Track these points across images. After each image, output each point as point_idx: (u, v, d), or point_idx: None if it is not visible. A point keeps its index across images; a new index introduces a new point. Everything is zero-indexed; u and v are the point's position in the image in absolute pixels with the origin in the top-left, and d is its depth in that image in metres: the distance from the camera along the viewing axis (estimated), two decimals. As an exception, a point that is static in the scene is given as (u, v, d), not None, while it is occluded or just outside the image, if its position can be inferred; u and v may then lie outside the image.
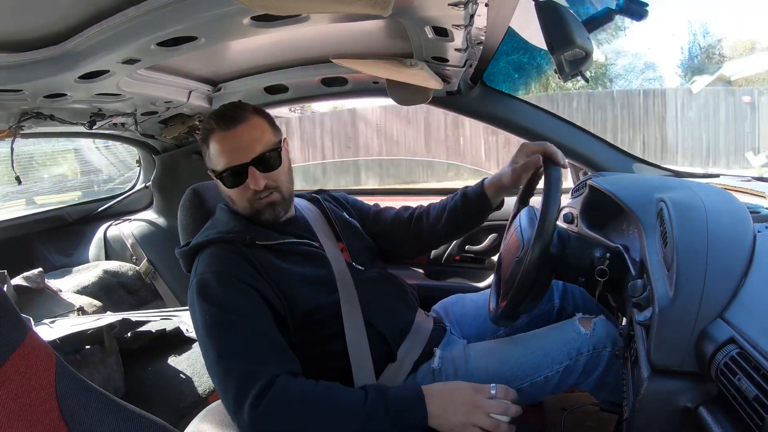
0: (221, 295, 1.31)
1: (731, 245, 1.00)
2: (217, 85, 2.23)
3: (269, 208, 1.48)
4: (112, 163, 4.15)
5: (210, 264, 1.37)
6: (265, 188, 1.44)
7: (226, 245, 1.41)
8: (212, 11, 1.16)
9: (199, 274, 1.35)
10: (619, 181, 1.49)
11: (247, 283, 1.33)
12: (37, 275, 2.58)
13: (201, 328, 1.29)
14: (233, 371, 1.21)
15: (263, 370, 1.21)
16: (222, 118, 1.43)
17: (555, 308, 1.68)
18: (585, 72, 1.37)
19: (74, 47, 1.32)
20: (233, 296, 1.31)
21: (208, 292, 1.31)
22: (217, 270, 1.35)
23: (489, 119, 2.28)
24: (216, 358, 1.24)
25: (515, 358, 1.39)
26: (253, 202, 1.46)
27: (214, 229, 1.47)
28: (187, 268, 1.48)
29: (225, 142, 1.43)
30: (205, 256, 1.41)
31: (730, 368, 0.76)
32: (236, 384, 1.19)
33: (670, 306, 0.92)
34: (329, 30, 1.64)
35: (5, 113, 1.91)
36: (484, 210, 1.67)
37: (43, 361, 0.89)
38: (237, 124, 1.42)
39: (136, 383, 2.07)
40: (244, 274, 1.35)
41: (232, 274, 1.34)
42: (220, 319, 1.28)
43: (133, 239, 3.18)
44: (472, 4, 1.24)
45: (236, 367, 1.22)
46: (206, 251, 1.42)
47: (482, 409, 1.19)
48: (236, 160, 1.41)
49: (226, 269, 1.35)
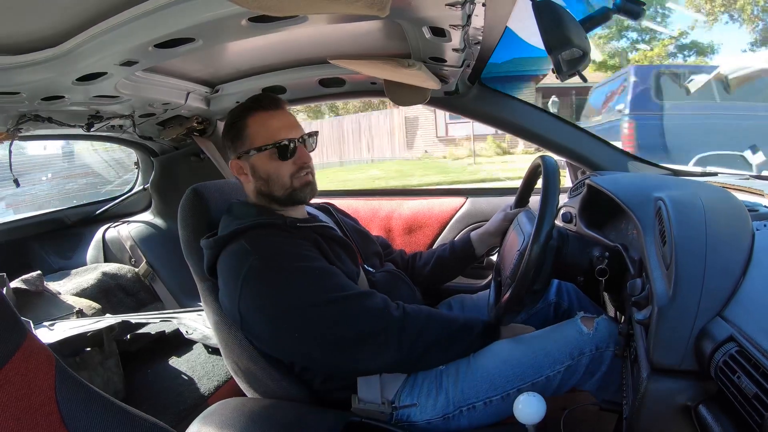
0: (303, 252, 1.37)
1: (730, 243, 1.00)
2: (215, 86, 2.23)
3: (307, 187, 1.53)
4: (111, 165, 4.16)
5: (265, 241, 1.40)
6: (306, 166, 1.52)
7: (269, 230, 1.42)
8: (210, 13, 1.16)
9: (259, 253, 1.36)
10: (617, 181, 1.49)
11: (310, 249, 1.42)
12: (36, 278, 2.58)
13: (295, 297, 1.32)
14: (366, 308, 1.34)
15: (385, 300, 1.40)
16: (264, 101, 1.53)
17: (551, 304, 1.70)
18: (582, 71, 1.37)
19: (72, 49, 1.32)
20: (313, 254, 1.39)
21: (284, 254, 1.36)
22: (275, 242, 1.39)
23: (487, 119, 2.29)
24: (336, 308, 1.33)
25: (516, 358, 1.39)
26: (294, 179, 1.51)
27: (242, 218, 1.46)
28: (212, 262, 1.47)
29: (272, 120, 1.51)
30: (251, 240, 1.39)
31: (729, 366, 0.76)
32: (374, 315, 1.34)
33: (669, 304, 0.92)
34: (327, 31, 1.64)
35: (3, 116, 1.90)
36: (468, 258, 1.86)
37: (42, 364, 0.89)
38: (279, 107, 1.53)
39: (136, 385, 2.07)
40: (301, 244, 1.41)
41: (294, 242, 1.40)
42: (318, 272, 1.35)
43: (132, 241, 3.18)
44: (470, 4, 1.24)
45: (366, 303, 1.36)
46: (248, 236, 1.41)
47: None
48: (286, 135, 1.49)
49: (286, 240, 1.40)
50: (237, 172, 1.55)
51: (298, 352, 1.39)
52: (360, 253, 1.64)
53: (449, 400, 1.38)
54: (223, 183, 1.73)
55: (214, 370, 2.14)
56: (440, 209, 2.58)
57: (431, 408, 1.39)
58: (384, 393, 1.40)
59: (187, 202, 1.61)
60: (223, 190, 1.69)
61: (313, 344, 1.33)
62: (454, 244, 1.88)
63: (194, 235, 1.56)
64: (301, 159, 1.51)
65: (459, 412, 1.38)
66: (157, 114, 2.35)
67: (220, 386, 2.05)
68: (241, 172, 1.54)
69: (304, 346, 1.34)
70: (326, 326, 1.31)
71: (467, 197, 2.58)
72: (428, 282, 1.88)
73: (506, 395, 1.36)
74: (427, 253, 1.92)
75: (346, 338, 1.32)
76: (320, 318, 1.31)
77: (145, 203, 3.48)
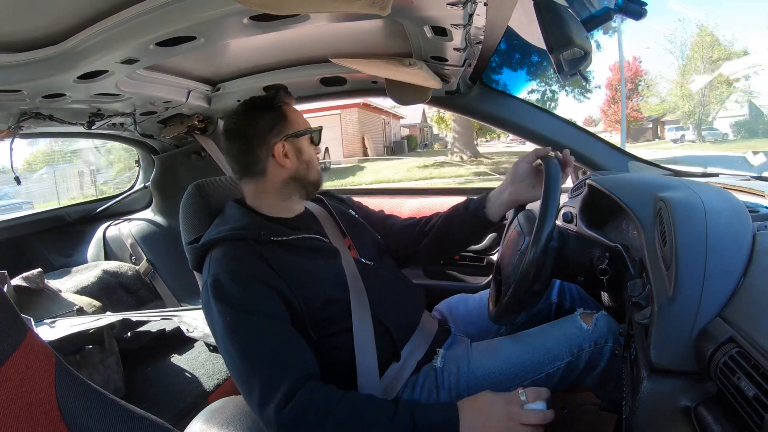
0: (239, 296, 1.29)
1: (730, 244, 1.00)
2: (216, 84, 2.23)
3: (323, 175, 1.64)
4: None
5: (224, 263, 1.36)
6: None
7: (240, 243, 1.40)
8: (211, 11, 1.16)
9: (214, 274, 1.33)
10: (618, 181, 1.49)
11: (264, 282, 1.32)
12: (36, 275, 2.58)
13: (221, 330, 1.27)
14: (257, 373, 1.20)
15: (288, 373, 1.20)
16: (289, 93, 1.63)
17: (553, 305, 1.69)
18: (584, 71, 1.37)
19: (73, 47, 1.32)
20: (251, 296, 1.30)
21: (224, 293, 1.30)
22: (232, 269, 1.33)
23: (488, 119, 2.29)
24: (239, 359, 1.23)
25: (516, 356, 1.40)
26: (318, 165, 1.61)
27: (225, 225, 1.46)
28: (196, 264, 1.48)
29: (298, 110, 1.60)
30: (218, 254, 1.39)
31: (729, 367, 0.76)
32: (261, 386, 1.19)
33: (670, 305, 0.92)
34: (328, 29, 1.64)
35: (4, 113, 1.91)
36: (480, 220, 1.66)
37: (42, 362, 0.89)
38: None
39: (136, 383, 2.07)
40: (260, 272, 1.34)
41: (248, 273, 1.33)
42: (240, 320, 1.26)
43: (133, 239, 3.19)
44: (471, 3, 1.24)
45: (260, 369, 1.21)
46: (219, 248, 1.41)
47: (519, 420, 1.15)
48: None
49: (241, 268, 1.34)
50: (279, 155, 1.52)
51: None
52: (356, 246, 1.63)
53: (450, 399, 1.38)
54: (225, 180, 1.74)
55: (214, 368, 2.14)
56: (441, 208, 2.57)
57: None
58: (385, 393, 1.39)
59: (188, 198, 1.61)
60: (225, 186, 1.69)
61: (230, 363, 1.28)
62: (468, 201, 1.72)
63: (196, 231, 1.56)
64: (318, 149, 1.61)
65: None
66: (159, 112, 2.36)
67: (220, 384, 2.05)
68: (283, 155, 1.52)
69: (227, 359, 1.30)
70: (235, 355, 1.25)
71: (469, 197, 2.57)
72: (432, 247, 1.76)
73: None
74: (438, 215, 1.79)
75: (250, 393, 1.22)
76: (228, 349, 1.26)
77: (146, 201, 3.49)
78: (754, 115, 28.23)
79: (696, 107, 29.03)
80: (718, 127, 29.13)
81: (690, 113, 29.36)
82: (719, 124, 29.31)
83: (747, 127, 28.44)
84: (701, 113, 28.97)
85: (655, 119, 31.67)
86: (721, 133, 28.74)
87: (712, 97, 28.72)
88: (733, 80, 27.19)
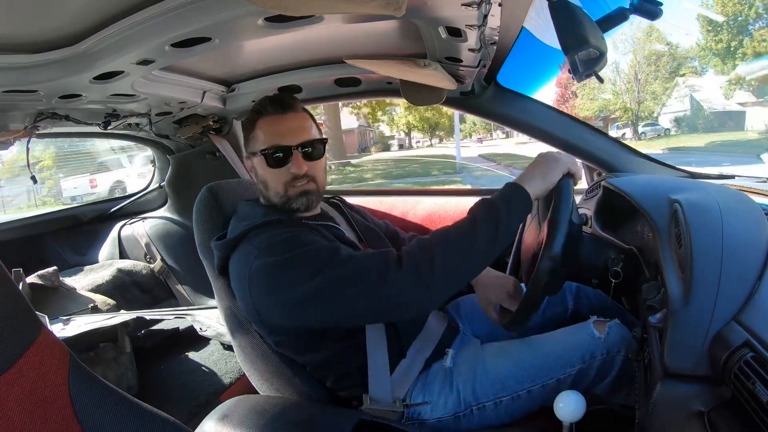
0: (303, 238, 1.32)
1: (746, 247, 0.99)
2: (231, 85, 2.24)
3: (302, 197, 1.48)
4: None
5: (267, 238, 1.34)
6: (304, 175, 1.46)
7: (271, 224, 1.40)
8: (226, 12, 1.17)
9: (262, 249, 1.31)
10: (633, 182, 1.48)
11: (312, 231, 1.38)
12: (51, 273, 2.61)
13: (307, 274, 1.24)
14: (364, 263, 1.24)
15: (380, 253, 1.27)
16: (277, 103, 1.48)
17: (569, 309, 1.68)
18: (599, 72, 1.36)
19: (89, 48, 1.33)
20: (311, 237, 1.34)
21: (287, 246, 1.29)
22: (279, 235, 1.34)
23: (503, 120, 2.28)
24: (336, 277, 1.23)
25: (528, 360, 1.40)
26: (288, 187, 1.46)
27: (248, 219, 1.44)
28: (223, 262, 1.46)
29: (275, 124, 1.47)
30: (254, 238, 1.37)
31: (744, 372, 0.75)
32: (375, 266, 1.22)
33: (684, 308, 0.91)
34: (343, 30, 1.64)
35: (21, 114, 1.93)
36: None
37: (56, 359, 0.90)
38: (288, 111, 1.48)
39: (150, 381, 2.09)
40: (304, 229, 1.38)
41: (295, 231, 1.35)
42: (317, 250, 1.28)
43: (147, 238, 3.22)
44: (486, 4, 1.24)
45: (361, 262, 1.24)
46: (253, 234, 1.39)
47: (564, 159, 1.32)
48: (284, 141, 1.45)
49: (286, 230, 1.35)
50: (248, 170, 1.55)
51: (327, 322, 1.35)
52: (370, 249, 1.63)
53: (460, 399, 1.39)
54: (237, 182, 1.74)
55: (226, 367, 2.15)
56: (456, 208, 2.57)
57: (443, 406, 1.40)
58: (395, 391, 1.40)
59: (201, 201, 1.62)
60: (237, 189, 1.70)
61: (336, 306, 1.25)
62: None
63: (209, 234, 1.56)
64: (295, 168, 1.45)
65: (470, 412, 1.38)
66: (174, 112, 2.37)
67: (232, 383, 2.06)
68: (251, 169, 1.54)
69: (327, 315, 1.28)
70: (339, 280, 1.23)
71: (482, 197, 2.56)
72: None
73: (516, 396, 1.36)
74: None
75: (366, 280, 1.22)
76: (330, 279, 1.23)
77: (161, 201, 3.51)
78: (695, 109, 28.47)
79: (632, 104, 29.32)
80: (661, 123, 29.41)
81: (626, 110, 29.68)
82: (663, 120, 29.58)
83: (688, 122, 28.76)
84: (637, 111, 29.26)
85: (604, 118, 31.44)
86: (663, 128, 28.99)
87: (647, 93, 28.99)
88: (671, 73, 27.97)
